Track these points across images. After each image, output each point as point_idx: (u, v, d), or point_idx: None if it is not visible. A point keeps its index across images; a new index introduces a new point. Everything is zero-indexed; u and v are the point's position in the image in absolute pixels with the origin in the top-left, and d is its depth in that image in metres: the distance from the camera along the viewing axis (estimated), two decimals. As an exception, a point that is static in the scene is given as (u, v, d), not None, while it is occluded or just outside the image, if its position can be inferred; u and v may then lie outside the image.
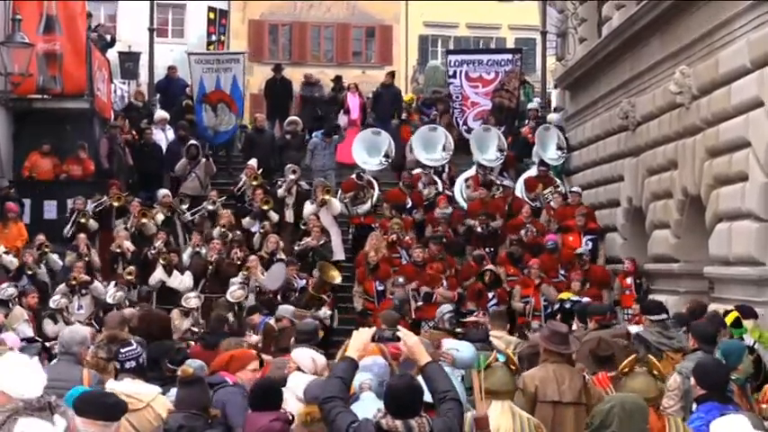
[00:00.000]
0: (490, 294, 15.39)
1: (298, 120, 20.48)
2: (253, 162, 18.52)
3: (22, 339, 9.60)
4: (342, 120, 21.74)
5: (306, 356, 7.66)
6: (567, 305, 14.64)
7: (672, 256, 14.60)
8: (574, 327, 10.62)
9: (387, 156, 19.17)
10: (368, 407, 5.55)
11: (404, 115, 22.24)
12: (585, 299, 14.51)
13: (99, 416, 4.68)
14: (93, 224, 16.64)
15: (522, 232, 16.71)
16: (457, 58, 21.97)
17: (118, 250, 15.94)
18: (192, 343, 11.32)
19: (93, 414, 4.67)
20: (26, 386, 4.42)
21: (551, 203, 17.84)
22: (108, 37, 21.18)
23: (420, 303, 15.25)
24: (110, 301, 14.41)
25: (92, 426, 4.61)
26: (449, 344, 7.65)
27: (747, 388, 7.72)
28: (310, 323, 9.87)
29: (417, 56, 40.45)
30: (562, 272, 16.04)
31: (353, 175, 18.28)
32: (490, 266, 15.76)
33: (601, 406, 5.82)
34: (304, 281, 15.48)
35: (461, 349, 6.94)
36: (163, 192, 17.77)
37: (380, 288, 15.70)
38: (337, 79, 23.20)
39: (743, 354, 7.69)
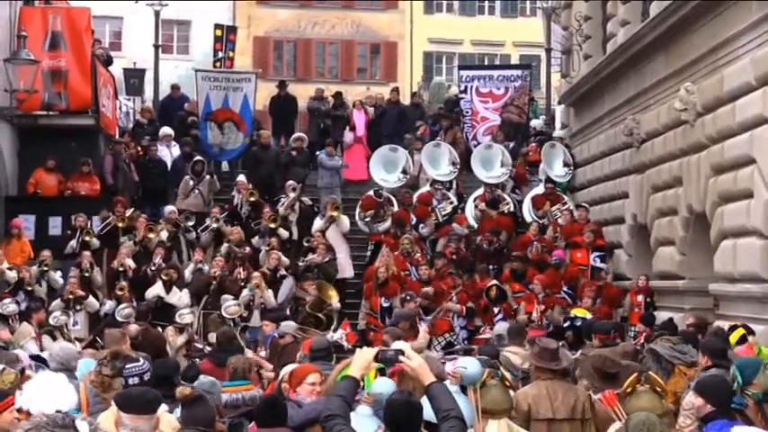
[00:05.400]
0: (496, 309, 15.38)
1: (303, 136, 20.43)
2: (241, 177, 18.45)
3: (30, 357, 9.53)
4: (348, 136, 21.67)
5: None
6: (578, 322, 14.44)
7: (677, 273, 14.56)
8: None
9: (404, 171, 19.09)
10: (360, 420, 5.51)
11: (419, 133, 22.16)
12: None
13: (144, 411, 5.26)
14: (95, 242, 16.61)
15: (529, 249, 16.67)
16: (468, 74, 22.26)
17: (121, 268, 15.92)
18: (198, 360, 11.30)
19: (139, 410, 5.24)
20: (49, 403, 5.15)
21: (559, 220, 17.74)
22: (102, 52, 21.16)
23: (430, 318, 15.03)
24: (118, 318, 14.33)
25: (139, 420, 5.20)
26: (457, 362, 7.60)
27: (764, 405, 7.55)
28: (323, 340, 9.80)
29: (422, 72, 40.51)
30: (566, 288, 15.98)
31: (371, 192, 18.15)
32: (494, 281, 15.73)
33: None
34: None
35: (468, 366, 6.92)
36: (169, 208, 17.74)
37: (386, 305, 15.61)
38: (338, 95, 23.05)
39: (759, 369, 7.53)
